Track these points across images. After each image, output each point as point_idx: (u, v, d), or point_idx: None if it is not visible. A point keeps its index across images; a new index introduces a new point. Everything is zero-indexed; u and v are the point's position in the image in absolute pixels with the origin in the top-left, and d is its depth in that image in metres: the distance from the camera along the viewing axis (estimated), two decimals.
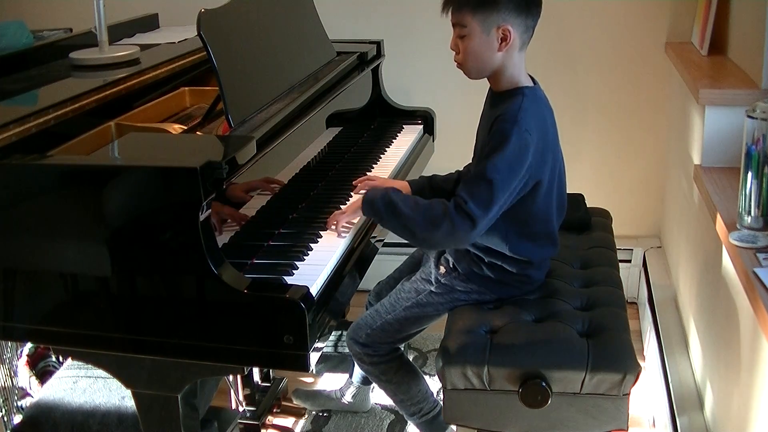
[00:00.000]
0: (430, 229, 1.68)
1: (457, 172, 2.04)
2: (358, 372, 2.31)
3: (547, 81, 2.88)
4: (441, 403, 2.04)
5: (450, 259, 1.90)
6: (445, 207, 1.67)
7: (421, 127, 2.58)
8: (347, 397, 2.35)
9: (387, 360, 2.00)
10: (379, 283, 2.21)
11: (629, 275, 2.97)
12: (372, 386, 2.37)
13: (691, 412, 2.09)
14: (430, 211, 1.68)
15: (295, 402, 2.37)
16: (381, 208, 1.73)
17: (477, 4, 1.68)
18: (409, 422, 2.34)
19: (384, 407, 2.44)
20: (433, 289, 1.90)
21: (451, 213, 1.65)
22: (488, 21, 1.68)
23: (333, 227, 1.80)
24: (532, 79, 1.82)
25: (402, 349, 2.06)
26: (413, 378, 2.05)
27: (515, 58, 1.74)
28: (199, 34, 1.72)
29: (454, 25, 1.74)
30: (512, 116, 1.68)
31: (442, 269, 1.90)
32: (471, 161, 2.01)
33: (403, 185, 1.99)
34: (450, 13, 1.73)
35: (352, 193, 2.01)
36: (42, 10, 3.07)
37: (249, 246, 1.71)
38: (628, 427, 1.73)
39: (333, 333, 2.75)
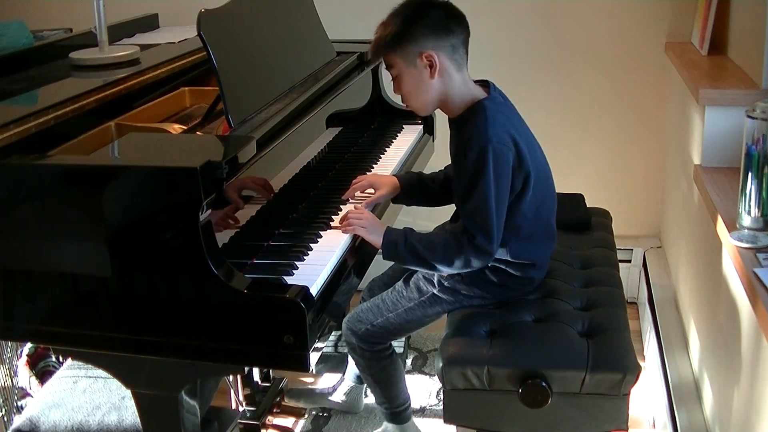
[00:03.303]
0: (449, 265, 1.75)
1: (443, 172, 2.04)
2: (351, 371, 2.31)
3: (547, 81, 2.91)
4: (410, 402, 2.12)
5: None
6: (459, 244, 1.72)
7: (421, 127, 2.57)
8: (340, 395, 2.34)
9: (378, 358, 2.01)
10: (373, 279, 2.20)
11: (629, 275, 2.97)
12: (365, 386, 2.37)
13: (690, 412, 2.09)
14: (447, 249, 1.73)
15: (288, 402, 2.37)
16: (404, 253, 1.76)
17: (392, 42, 1.73)
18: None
19: None
20: (436, 291, 1.90)
21: (467, 249, 1.71)
22: (408, 53, 1.72)
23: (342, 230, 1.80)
24: (485, 83, 1.81)
25: (394, 348, 2.07)
26: (393, 380, 2.07)
27: (457, 81, 1.75)
28: (199, 34, 1.72)
29: (388, 70, 1.78)
30: (482, 134, 1.69)
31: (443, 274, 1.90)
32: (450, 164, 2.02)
33: (391, 181, 2.01)
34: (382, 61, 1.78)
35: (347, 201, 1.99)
36: (42, 10, 3.07)
37: (249, 246, 1.71)
38: (628, 427, 1.73)
39: (333, 333, 2.75)
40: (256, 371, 2.25)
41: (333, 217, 1.87)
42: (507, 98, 1.83)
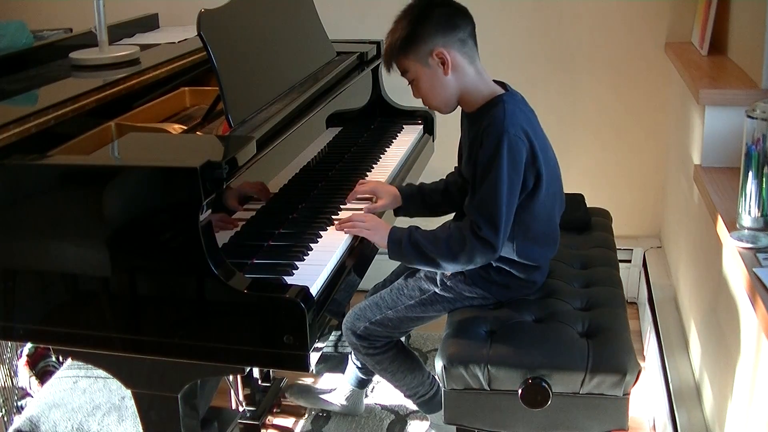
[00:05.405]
0: (453, 260, 1.74)
1: (443, 181, 2.04)
2: (352, 374, 2.31)
3: (547, 81, 2.91)
4: (439, 384, 2.06)
5: None
6: (463, 237, 1.71)
7: (421, 127, 2.58)
8: (340, 399, 2.34)
9: (383, 352, 2.01)
10: (375, 286, 2.20)
11: (629, 275, 2.97)
12: (366, 390, 2.37)
13: (690, 412, 2.09)
14: (451, 243, 1.73)
15: (289, 398, 2.37)
16: (408, 250, 1.76)
17: (402, 47, 1.75)
18: (409, 422, 2.35)
19: (384, 407, 2.44)
20: (437, 290, 1.90)
21: (471, 242, 1.70)
22: (420, 54, 1.74)
23: (344, 230, 1.80)
24: (503, 85, 1.82)
25: (402, 340, 2.06)
26: (409, 367, 2.06)
27: (471, 74, 1.77)
28: (199, 34, 1.72)
29: (403, 76, 1.80)
30: (499, 125, 1.69)
31: (448, 272, 1.89)
32: (455, 169, 2.02)
33: (394, 192, 2.00)
34: (395, 69, 1.80)
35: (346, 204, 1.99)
36: (42, 10, 3.07)
37: (249, 246, 1.71)
38: (628, 427, 1.73)
39: (333, 333, 2.75)
40: (256, 371, 2.25)
41: (333, 217, 1.88)
42: (525, 101, 1.83)
